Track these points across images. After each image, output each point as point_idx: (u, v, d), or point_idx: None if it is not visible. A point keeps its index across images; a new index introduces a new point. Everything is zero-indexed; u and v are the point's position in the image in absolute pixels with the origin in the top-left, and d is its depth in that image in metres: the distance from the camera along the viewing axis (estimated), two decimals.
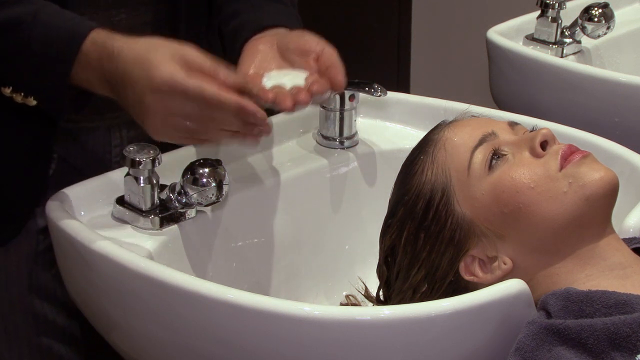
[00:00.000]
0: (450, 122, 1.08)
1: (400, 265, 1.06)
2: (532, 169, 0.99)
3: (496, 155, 1.01)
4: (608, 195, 0.98)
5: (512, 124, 1.06)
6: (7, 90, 1.10)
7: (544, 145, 1.00)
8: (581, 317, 0.91)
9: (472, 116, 1.10)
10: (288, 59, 1.14)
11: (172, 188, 1.17)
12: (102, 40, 1.04)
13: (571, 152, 0.99)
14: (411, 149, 1.10)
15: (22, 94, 1.09)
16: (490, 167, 1.00)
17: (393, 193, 1.09)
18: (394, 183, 1.10)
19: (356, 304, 1.18)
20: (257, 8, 1.22)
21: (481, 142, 1.02)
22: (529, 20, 1.63)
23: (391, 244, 1.07)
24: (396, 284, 1.07)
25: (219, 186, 1.15)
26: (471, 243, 1.01)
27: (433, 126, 1.10)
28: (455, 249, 1.02)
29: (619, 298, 0.92)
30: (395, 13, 2.53)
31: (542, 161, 0.99)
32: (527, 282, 0.97)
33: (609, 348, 0.89)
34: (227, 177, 1.17)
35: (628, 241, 1.04)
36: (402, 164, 1.10)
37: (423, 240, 1.04)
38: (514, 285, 0.95)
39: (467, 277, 1.02)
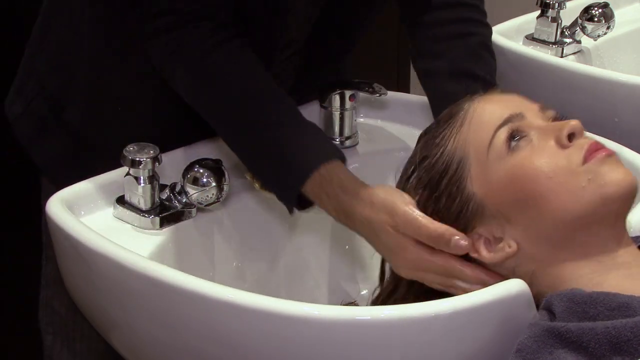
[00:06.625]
0: (483, 96, 1.05)
1: None
2: (554, 159, 0.97)
3: (516, 135, 0.99)
4: (624, 198, 0.96)
5: (544, 108, 1.03)
6: (249, 175, 1.21)
7: (570, 136, 0.98)
8: (585, 318, 0.91)
9: (505, 91, 1.07)
10: None
11: (172, 188, 1.17)
12: (329, 182, 1.10)
13: (597, 149, 0.97)
14: (436, 119, 1.08)
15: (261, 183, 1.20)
16: (511, 148, 0.99)
17: (412, 155, 1.07)
18: (416, 143, 1.08)
19: (357, 304, 1.17)
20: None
21: (506, 122, 1.00)
22: (529, 20, 1.63)
23: None
24: None
25: (219, 186, 1.15)
26: (478, 222, 1.00)
27: None
28: (462, 226, 1.01)
29: (621, 301, 0.91)
30: (396, 13, 2.52)
31: (566, 153, 0.97)
32: (530, 272, 0.98)
33: (610, 352, 0.88)
34: (227, 177, 1.17)
35: (633, 240, 1.03)
36: (429, 125, 1.08)
37: (432, 210, 1.02)
38: (514, 286, 0.95)
39: (471, 254, 1.01)
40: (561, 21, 1.60)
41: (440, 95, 1.25)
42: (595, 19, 1.60)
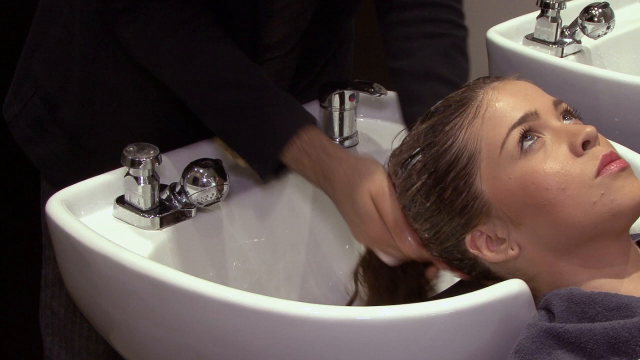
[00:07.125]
0: (496, 82, 1.03)
1: (407, 210, 1.05)
2: (567, 168, 0.96)
3: (529, 136, 0.98)
4: (634, 213, 0.96)
5: (557, 103, 1.02)
6: (220, 142, 1.21)
7: (585, 144, 0.97)
8: (584, 319, 0.91)
9: (520, 77, 1.05)
10: None
11: (172, 188, 1.17)
12: (310, 148, 1.12)
13: (611, 160, 0.96)
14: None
15: (234, 152, 1.19)
16: (523, 149, 0.97)
17: (418, 134, 1.04)
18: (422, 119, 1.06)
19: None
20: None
21: (521, 121, 0.98)
22: (529, 20, 1.63)
23: (400, 184, 1.05)
24: None
25: (219, 186, 1.15)
26: (483, 220, 0.99)
27: None
28: (464, 220, 1.00)
29: (620, 301, 0.91)
30: None
31: (580, 162, 0.96)
32: (531, 276, 0.98)
33: (608, 353, 0.88)
34: (227, 177, 1.17)
35: (633, 237, 1.03)
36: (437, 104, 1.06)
37: (435, 199, 1.01)
38: (514, 286, 0.95)
39: (471, 250, 1.01)
40: (561, 21, 1.60)
41: (407, 95, 1.24)
42: (595, 19, 1.59)
